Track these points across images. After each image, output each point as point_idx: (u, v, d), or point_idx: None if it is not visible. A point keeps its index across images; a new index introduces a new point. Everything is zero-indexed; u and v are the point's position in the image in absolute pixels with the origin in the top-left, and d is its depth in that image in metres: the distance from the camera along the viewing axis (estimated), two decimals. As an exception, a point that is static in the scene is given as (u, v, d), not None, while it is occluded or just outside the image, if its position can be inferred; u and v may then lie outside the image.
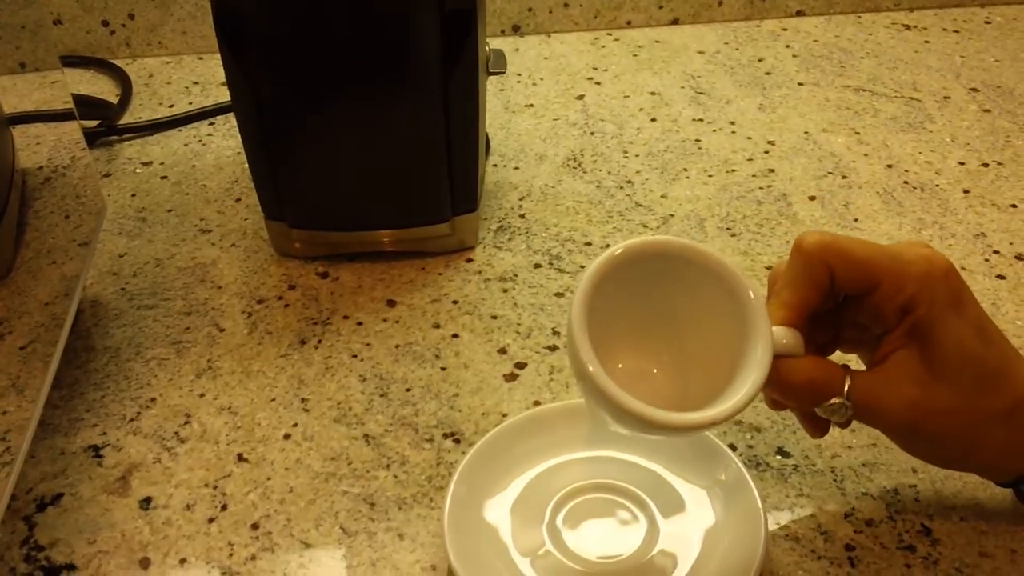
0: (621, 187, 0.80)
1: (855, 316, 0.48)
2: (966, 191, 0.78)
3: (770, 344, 0.44)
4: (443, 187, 0.70)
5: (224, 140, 0.88)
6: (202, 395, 0.62)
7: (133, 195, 0.82)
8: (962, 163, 0.82)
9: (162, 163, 0.85)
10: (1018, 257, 0.71)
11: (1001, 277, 0.69)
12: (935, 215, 0.76)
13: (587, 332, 0.43)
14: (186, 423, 0.61)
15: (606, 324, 0.45)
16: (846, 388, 0.45)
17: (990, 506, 0.54)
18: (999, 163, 0.82)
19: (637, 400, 0.42)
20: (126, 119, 0.92)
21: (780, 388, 0.46)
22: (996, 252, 0.72)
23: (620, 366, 0.47)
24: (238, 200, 0.81)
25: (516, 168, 0.83)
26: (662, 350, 0.49)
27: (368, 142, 0.67)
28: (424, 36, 0.63)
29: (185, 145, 0.88)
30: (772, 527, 0.53)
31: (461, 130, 0.67)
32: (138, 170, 0.85)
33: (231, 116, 0.92)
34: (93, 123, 0.88)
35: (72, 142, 0.68)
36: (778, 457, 0.57)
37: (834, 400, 0.46)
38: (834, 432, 0.58)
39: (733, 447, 0.57)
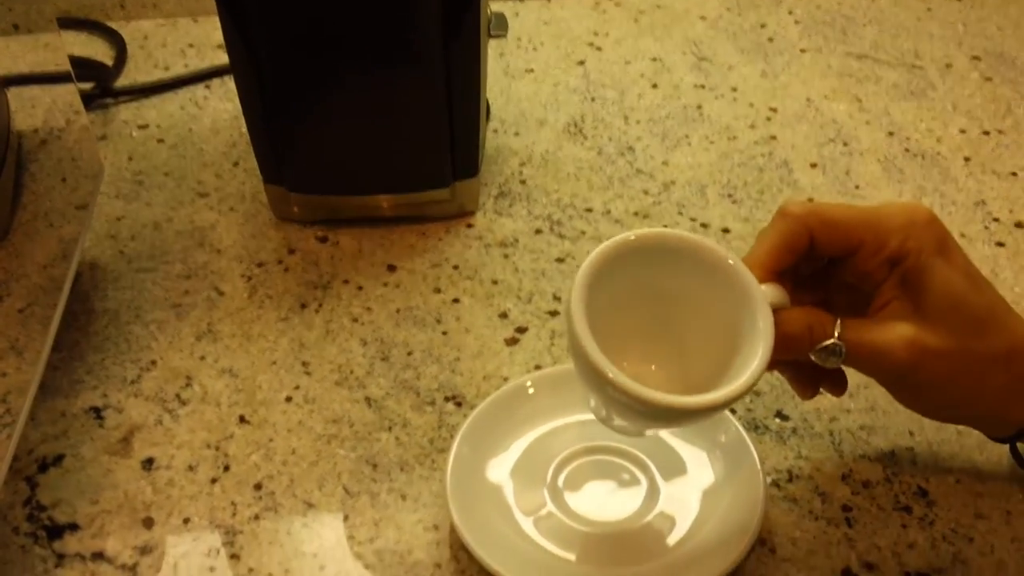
0: (622, 153, 0.80)
1: (843, 277, 0.49)
2: (967, 159, 0.78)
3: (770, 313, 0.45)
4: (444, 151, 0.69)
5: (221, 103, 0.88)
6: (203, 358, 0.62)
7: (130, 158, 0.81)
8: (963, 131, 0.82)
9: (158, 126, 0.85)
10: (1018, 225, 0.71)
11: (1000, 244, 0.69)
12: (936, 183, 0.76)
13: (593, 339, 0.43)
14: (187, 385, 0.61)
15: (603, 323, 0.44)
16: (837, 330, 0.46)
17: (986, 468, 0.54)
18: (1000, 131, 0.82)
19: (657, 391, 0.42)
20: (121, 82, 0.91)
21: (777, 342, 0.45)
22: (996, 220, 0.72)
23: (625, 364, 0.46)
24: (236, 164, 0.80)
25: (516, 134, 0.82)
26: (659, 344, 0.49)
27: (368, 105, 0.66)
28: (426, -2, 0.63)
29: (181, 108, 0.87)
30: (770, 488, 0.53)
31: (462, 93, 0.67)
32: (134, 133, 0.84)
33: (227, 79, 0.91)
34: (88, 85, 0.88)
35: (68, 104, 0.67)
36: (777, 420, 0.57)
37: (827, 342, 0.45)
38: (832, 396, 0.58)
39: (732, 410, 0.58)
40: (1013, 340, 0.47)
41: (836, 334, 0.46)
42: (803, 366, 0.49)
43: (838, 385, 0.51)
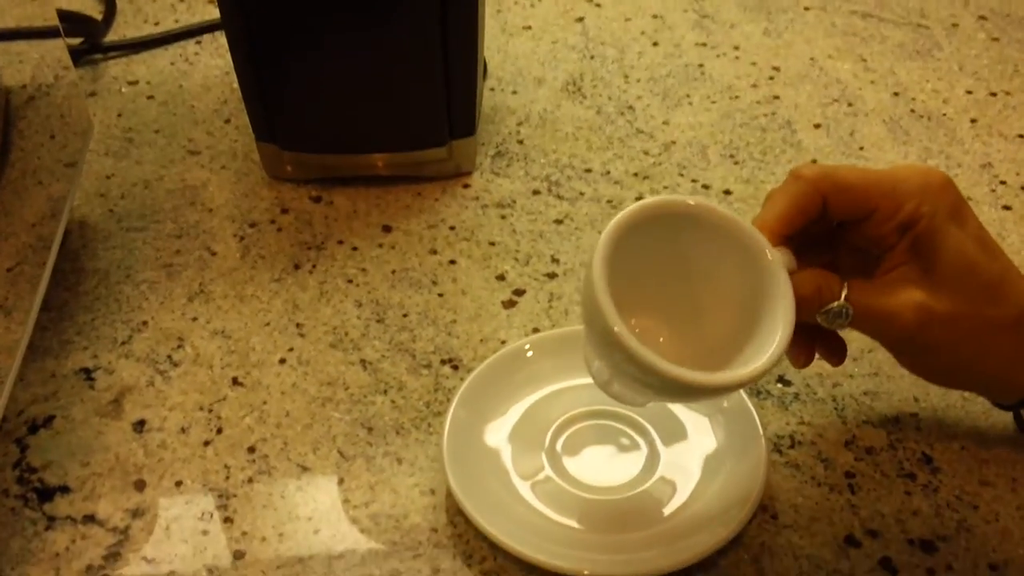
0: (622, 113, 0.78)
1: (853, 240, 0.48)
2: (973, 120, 0.77)
3: (789, 281, 0.43)
4: (440, 109, 0.68)
5: (212, 59, 0.86)
6: (195, 319, 0.61)
7: (119, 115, 0.80)
8: (970, 92, 0.80)
9: (148, 82, 0.83)
10: (1024, 188, 0.70)
11: (1007, 208, 0.68)
12: (941, 144, 0.74)
13: (614, 306, 0.41)
14: (179, 347, 0.59)
15: (616, 290, 0.43)
16: (844, 292, 0.45)
17: (992, 435, 0.53)
18: (1007, 92, 0.80)
19: (675, 365, 0.41)
20: (110, 37, 0.89)
21: None
22: (1003, 183, 0.70)
23: (633, 321, 0.45)
24: (227, 121, 0.79)
25: (514, 92, 0.81)
26: (674, 310, 0.47)
27: (362, 61, 0.65)
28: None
29: (172, 64, 0.85)
30: (772, 455, 0.52)
31: (459, 49, 0.65)
32: (124, 90, 0.82)
33: (219, 35, 0.89)
34: (77, 40, 0.86)
35: (56, 60, 0.66)
36: (779, 385, 0.56)
37: (834, 304, 0.44)
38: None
39: (734, 375, 0.57)
40: (1022, 305, 0.46)
41: (843, 296, 0.45)
42: (801, 332, 0.48)
43: (836, 353, 0.50)
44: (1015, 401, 0.50)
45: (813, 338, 0.48)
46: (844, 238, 0.48)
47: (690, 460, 0.51)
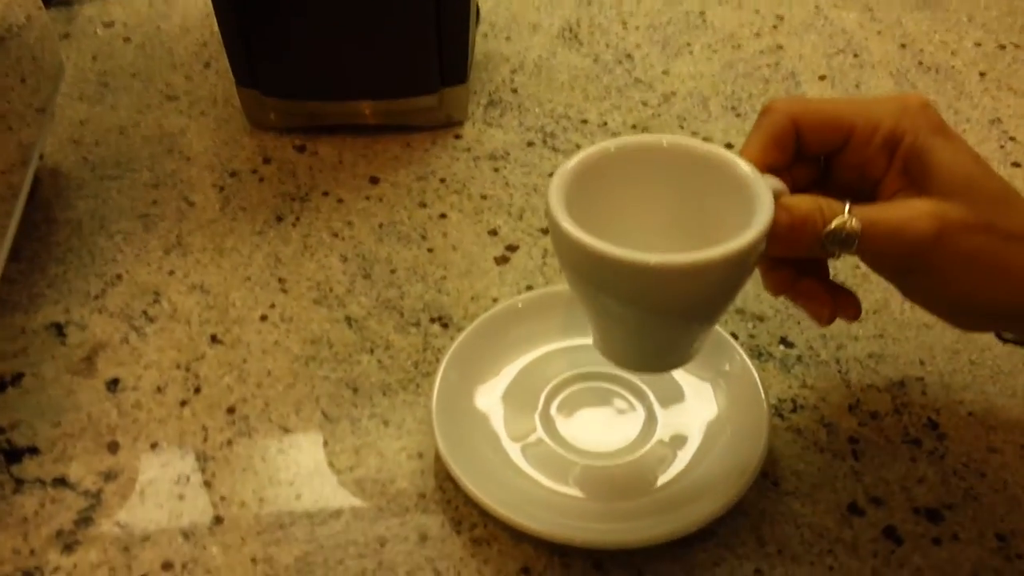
0: (620, 61, 0.75)
1: (843, 177, 0.44)
2: (982, 74, 0.74)
3: (769, 190, 0.40)
4: (430, 54, 0.65)
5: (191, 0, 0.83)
6: (171, 272, 0.59)
7: (94, 58, 0.76)
8: (979, 44, 0.78)
9: (125, 24, 0.80)
10: (1034, 144, 0.68)
11: (1016, 165, 0.66)
12: (949, 98, 0.72)
13: (565, 205, 0.39)
14: (155, 302, 0.57)
15: (601, 227, 0.40)
16: (847, 207, 0.41)
17: (999, 401, 0.51)
18: (1017, 45, 0.77)
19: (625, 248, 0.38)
20: (87, -23, 0.86)
21: (788, 224, 0.40)
22: (1012, 139, 0.68)
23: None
24: (207, 65, 0.75)
25: (508, 39, 0.78)
26: (668, 244, 0.44)
27: (350, 1, 0.62)
28: None
29: (149, 5, 0.82)
30: (774, 419, 0.50)
31: (451, -9, 0.62)
32: (99, 31, 0.79)
33: (200, -24, 0.86)
34: (51, -20, 0.82)
35: (27, 0, 0.62)
36: (781, 347, 0.54)
37: (838, 220, 0.40)
38: (839, 322, 0.55)
39: (735, 336, 0.55)
40: None
41: (847, 211, 0.41)
42: (818, 283, 0.45)
43: (852, 304, 0.46)
44: None
45: (831, 290, 0.45)
46: (834, 178, 0.45)
47: (689, 425, 0.49)
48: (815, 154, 0.44)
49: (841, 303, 0.45)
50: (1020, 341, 0.49)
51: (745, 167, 0.41)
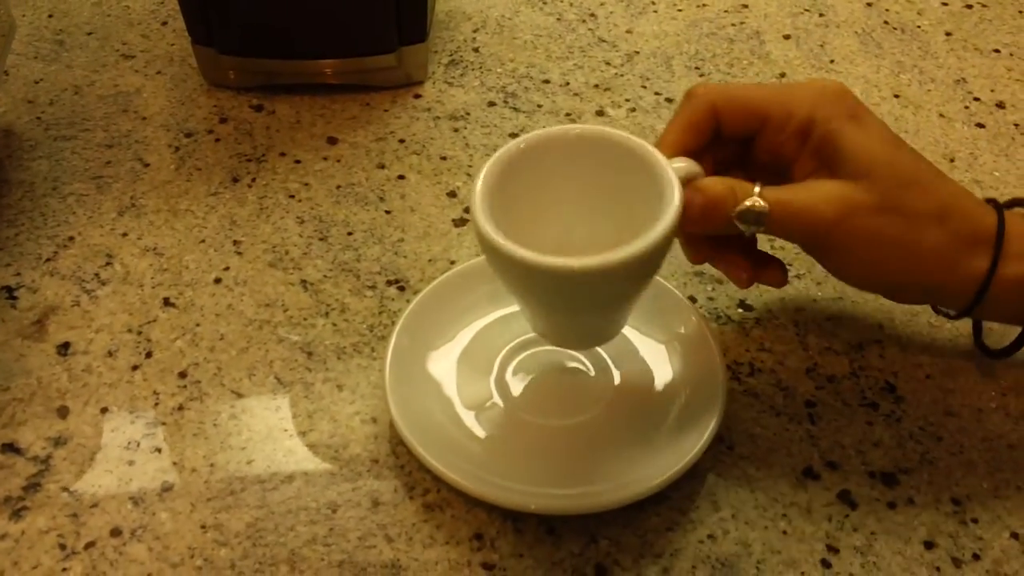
0: (583, 20, 0.74)
1: (759, 158, 0.47)
2: (948, 34, 0.74)
3: (676, 180, 0.41)
4: (389, 12, 0.63)
5: (150, -43, 0.81)
6: (125, 234, 0.58)
7: (50, 16, 0.75)
8: (945, 3, 0.77)
9: (81, -20, 0.78)
10: (999, 105, 0.67)
11: (980, 126, 0.66)
12: (915, 58, 0.71)
13: (490, 208, 0.41)
14: (107, 264, 0.56)
15: (521, 212, 0.42)
16: (756, 189, 0.43)
17: (957, 364, 0.51)
18: (983, 5, 0.77)
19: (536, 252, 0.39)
20: (41, -69, 0.83)
21: (701, 204, 0.43)
22: (976, 99, 0.68)
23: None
24: (164, 24, 0.74)
25: (470, -4, 0.76)
26: (589, 241, 0.44)
27: (306, -42, 0.60)
28: None
29: (107, -39, 0.80)
30: (731, 383, 0.50)
31: (409, -53, 0.61)
32: (55, -12, 0.77)
33: (158, -69, 0.84)
34: (3, -66, 0.80)
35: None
36: (740, 310, 0.54)
37: (747, 202, 0.43)
38: (799, 285, 0.55)
39: (693, 299, 0.54)
40: (944, 198, 0.44)
41: (756, 192, 0.43)
42: (737, 248, 0.47)
43: (776, 271, 0.47)
44: (960, 308, 0.47)
45: (749, 254, 0.47)
46: (751, 160, 0.47)
47: (645, 388, 0.49)
48: (734, 138, 0.46)
49: (765, 270, 0.47)
50: (953, 314, 0.49)
51: (656, 155, 0.42)
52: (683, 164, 0.43)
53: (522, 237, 0.40)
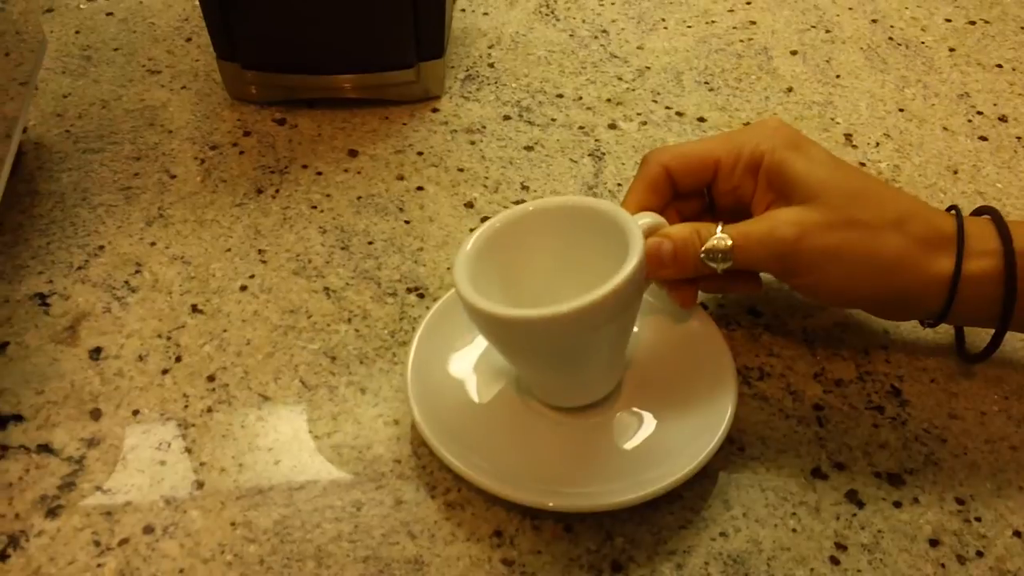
0: (595, 36, 0.76)
1: (722, 201, 0.51)
2: (952, 49, 0.76)
3: (639, 230, 0.45)
4: (407, 28, 0.65)
5: (173, -24, 0.83)
6: (153, 244, 0.60)
7: (77, 32, 0.77)
8: (949, 20, 0.79)
9: (107, -1, 0.80)
10: (1001, 119, 0.69)
11: (983, 139, 0.67)
12: (919, 73, 0.73)
13: (470, 276, 0.45)
14: (137, 272, 0.58)
15: (504, 278, 0.47)
16: (719, 228, 0.47)
17: (961, 369, 0.53)
18: (986, 21, 0.79)
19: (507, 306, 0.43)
20: (67, -50, 0.86)
21: (671, 250, 0.47)
22: (979, 113, 0.69)
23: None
24: (189, 40, 0.76)
25: (485, 14, 0.78)
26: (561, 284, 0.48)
27: (328, -23, 0.63)
28: None
29: (131, -20, 0.82)
30: (741, 386, 0.52)
31: (428, -33, 0.63)
32: (82, 6, 0.79)
33: (181, -50, 0.86)
34: (31, -47, 0.82)
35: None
36: (749, 316, 0.56)
37: (713, 239, 0.46)
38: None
39: (704, 306, 0.56)
40: (899, 207, 0.47)
41: (719, 230, 0.47)
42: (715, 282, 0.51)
43: (750, 282, 0.51)
44: (935, 313, 0.49)
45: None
46: (718, 206, 0.52)
47: (658, 391, 0.51)
48: (693, 190, 0.51)
49: (739, 283, 0.51)
50: (931, 322, 0.51)
51: (622, 213, 0.46)
52: (648, 219, 0.48)
53: (510, 299, 0.44)
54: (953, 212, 0.48)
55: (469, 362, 0.52)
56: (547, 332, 0.43)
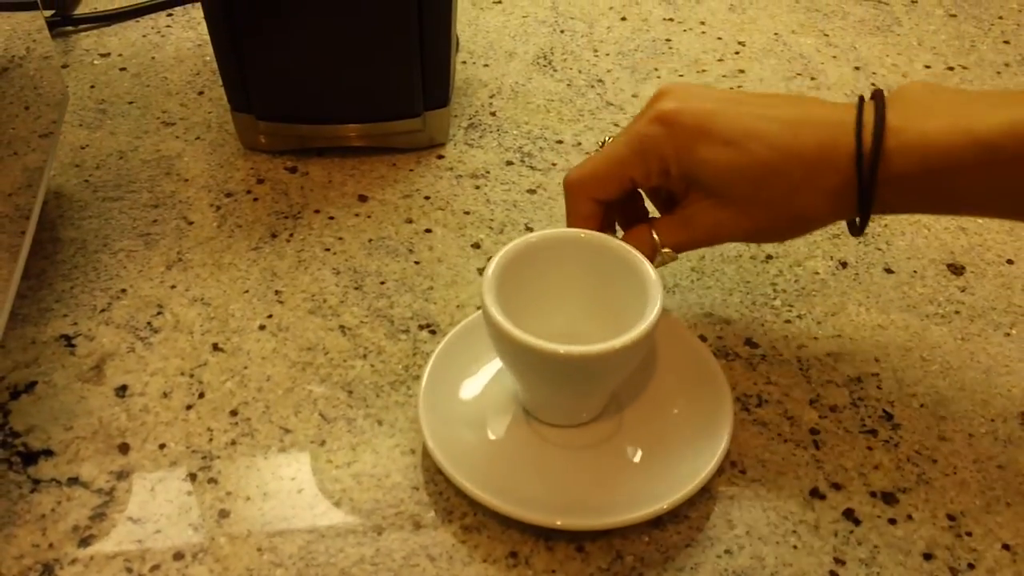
0: (592, 86, 0.80)
1: (656, 193, 0.55)
2: (931, 94, 0.79)
3: (647, 263, 0.50)
4: (414, 80, 0.69)
5: (184, 32, 0.86)
6: (173, 286, 0.62)
7: (92, 87, 0.80)
8: (928, 67, 0.82)
9: (120, 55, 0.83)
10: (980, 158, 0.72)
11: (963, 177, 0.71)
12: (901, 117, 0.76)
13: (498, 303, 0.48)
14: (158, 313, 0.60)
15: (525, 298, 0.50)
16: (655, 233, 0.52)
17: (949, 393, 0.56)
18: (964, 67, 0.82)
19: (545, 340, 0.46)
20: (81, 9, 0.89)
21: None
22: (959, 153, 0.73)
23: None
24: (201, 93, 0.79)
25: (486, 65, 0.82)
26: (580, 316, 0.53)
27: (338, 32, 0.66)
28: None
29: (144, 36, 0.85)
30: (740, 413, 0.54)
31: (433, 21, 0.66)
32: (96, 61, 0.82)
33: (190, 7, 0.89)
34: (47, 13, 0.86)
35: (28, 32, 0.66)
36: (746, 347, 0.58)
37: (657, 260, 0.52)
38: (800, 324, 0.59)
39: (703, 338, 0.59)
40: (789, 126, 0.48)
41: (654, 235, 0.52)
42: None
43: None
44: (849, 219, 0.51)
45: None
46: (651, 196, 0.56)
47: (660, 417, 0.53)
48: (622, 200, 0.53)
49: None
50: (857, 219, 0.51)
51: (643, 264, 0.50)
52: (655, 257, 0.52)
53: (524, 321, 0.47)
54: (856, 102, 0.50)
55: (478, 391, 0.54)
56: (572, 367, 0.47)
